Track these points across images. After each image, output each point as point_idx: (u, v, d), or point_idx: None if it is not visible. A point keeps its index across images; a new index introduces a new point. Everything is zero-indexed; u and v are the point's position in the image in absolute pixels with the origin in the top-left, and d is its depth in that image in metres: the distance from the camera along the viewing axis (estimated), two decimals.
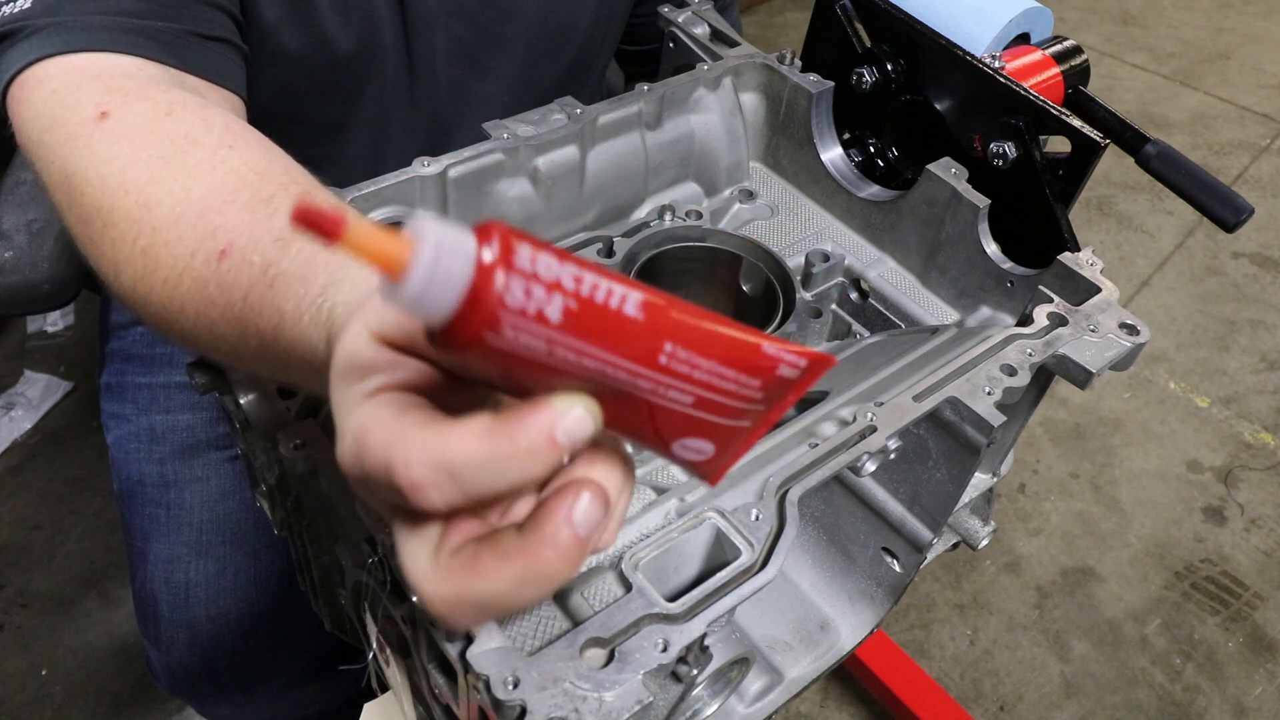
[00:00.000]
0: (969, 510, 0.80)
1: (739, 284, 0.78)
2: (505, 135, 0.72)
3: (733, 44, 0.85)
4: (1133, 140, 0.82)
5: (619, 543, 0.53)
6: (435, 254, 0.28)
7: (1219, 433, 1.94)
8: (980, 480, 0.76)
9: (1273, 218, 2.44)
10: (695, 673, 0.50)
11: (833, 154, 0.83)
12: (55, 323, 1.98)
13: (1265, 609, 1.67)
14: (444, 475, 0.31)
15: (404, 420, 0.33)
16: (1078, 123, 0.70)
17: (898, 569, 0.70)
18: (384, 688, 0.67)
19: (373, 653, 0.60)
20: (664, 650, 0.45)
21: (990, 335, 0.65)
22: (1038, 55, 0.84)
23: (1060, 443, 1.91)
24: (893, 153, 0.84)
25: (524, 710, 0.42)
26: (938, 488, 0.65)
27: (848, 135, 0.84)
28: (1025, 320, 0.68)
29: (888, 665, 1.43)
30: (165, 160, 0.52)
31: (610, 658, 0.45)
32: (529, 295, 0.29)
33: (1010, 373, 0.61)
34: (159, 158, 0.52)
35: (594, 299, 0.29)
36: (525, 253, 0.28)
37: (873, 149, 0.84)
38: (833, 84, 0.81)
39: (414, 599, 0.45)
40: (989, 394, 0.59)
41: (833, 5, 0.81)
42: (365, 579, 0.52)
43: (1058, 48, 0.85)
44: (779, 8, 3.09)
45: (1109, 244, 2.35)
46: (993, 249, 0.73)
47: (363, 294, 0.42)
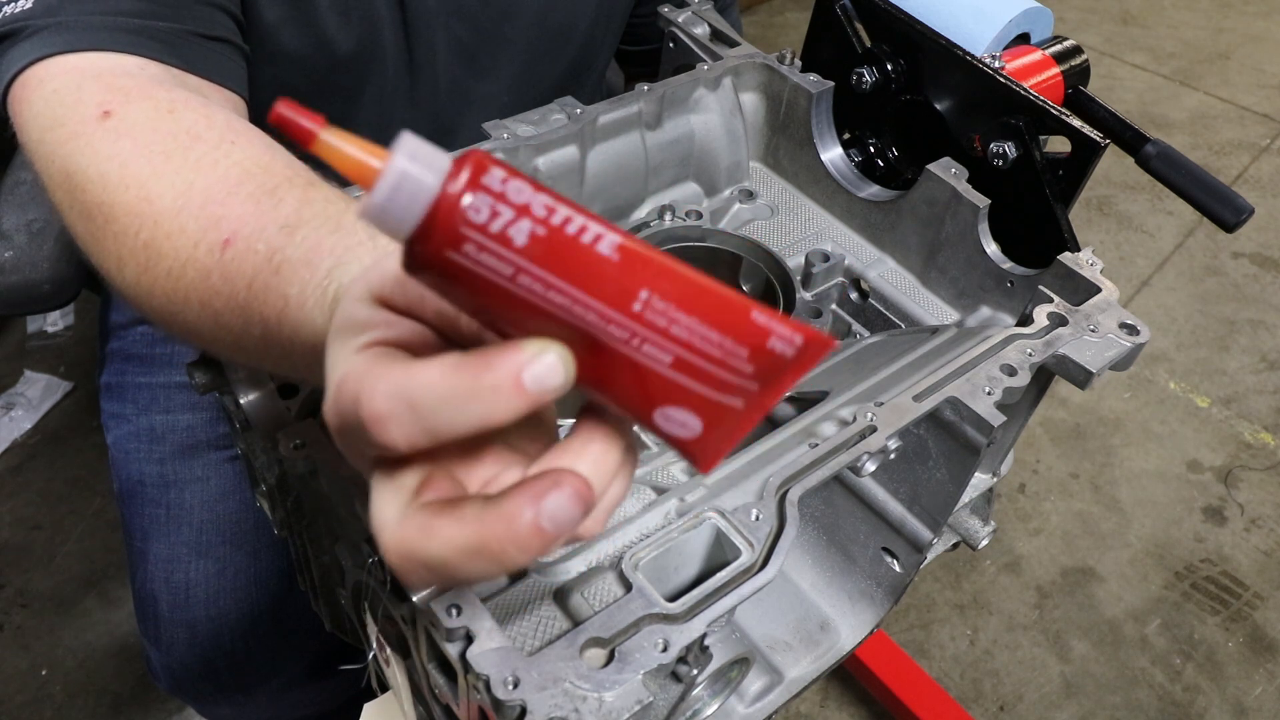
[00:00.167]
0: (969, 510, 0.80)
1: (739, 284, 0.78)
2: (505, 135, 0.72)
3: (733, 44, 0.85)
4: (1133, 140, 0.82)
5: (619, 543, 0.53)
6: (406, 165, 0.28)
7: (1219, 433, 1.94)
8: (980, 480, 0.76)
9: (1273, 218, 2.44)
10: (695, 673, 0.50)
11: (833, 154, 0.83)
12: (55, 323, 1.98)
13: (1265, 609, 1.67)
14: (404, 406, 0.31)
15: (380, 361, 0.33)
16: (1078, 123, 0.70)
17: (898, 569, 0.70)
18: (384, 688, 0.67)
19: (373, 653, 0.60)
20: (664, 650, 0.45)
21: (990, 335, 0.65)
22: (1038, 55, 0.84)
23: (1060, 443, 1.91)
24: (893, 153, 0.84)
25: (524, 710, 0.42)
26: (938, 488, 0.65)
27: (848, 135, 0.84)
28: (1025, 320, 0.68)
29: (888, 665, 1.43)
30: (167, 155, 0.52)
31: (610, 658, 0.45)
32: (494, 215, 0.28)
33: (1010, 373, 0.61)
34: (161, 153, 0.52)
35: (564, 230, 0.29)
36: (497, 174, 0.29)
37: (873, 149, 0.84)
38: (833, 84, 0.81)
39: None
40: (989, 394, 0.59)
41: (833, 5, 0.81)
42: (365, 579, 0.52)
43: (1058, 48, 0.85)
44: (779, 8, 3.09)
45: (1109, 244, 2.35)
46: (993, 249, 0.73)
47: (366, 268, 0.42)
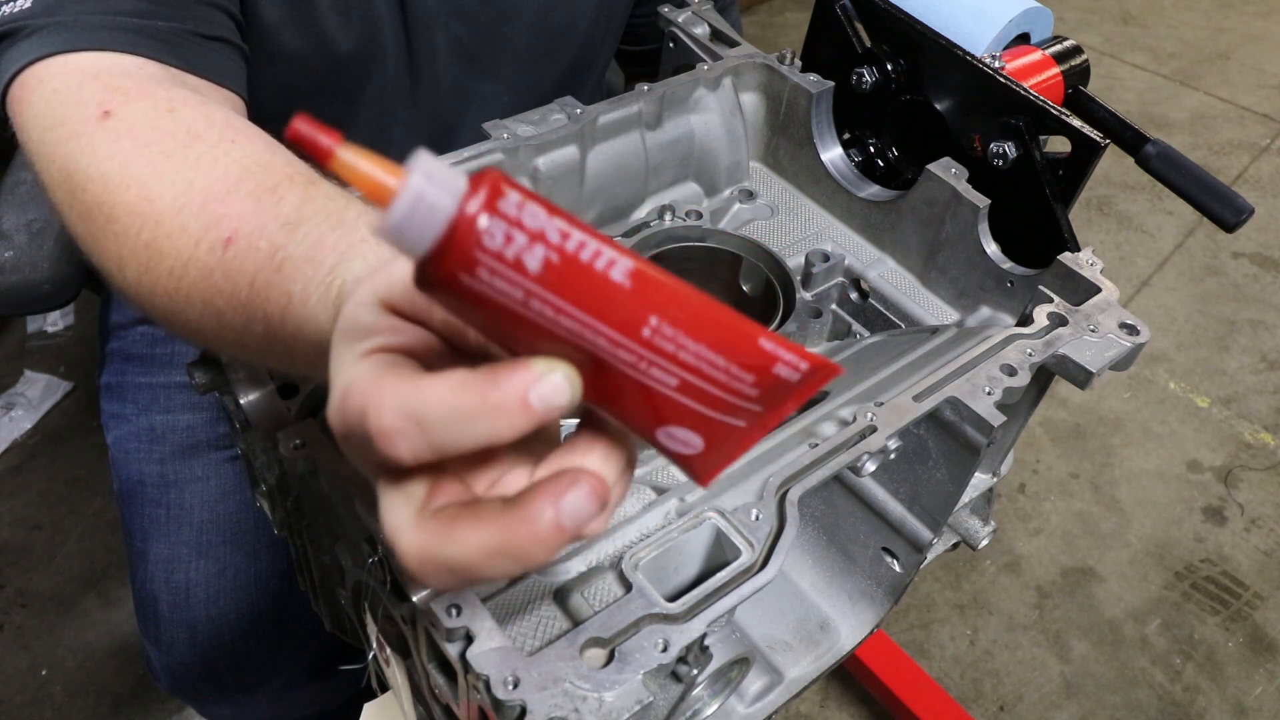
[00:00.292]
0: (969, 510, 0.80)
1: (739, 284, 0.78)
2: (505, 135, 0.72)
3: (733, 44, 0.85)
4: (1133, 140, 0.82)
5: (619, 543, 0.53)
6: (423, 185, 0.28)
7: (1219, 433, 1.94)
8: (980, 480, 0.76)
9: (1273, 218, 2.44)
10: (695, 673, 0.50)
11: (833, 154, 0.83)
12: (55, 323, 1.98)
13: (1265, 609, 1.67)
14: (412, 423, 0.31)
15: (387, 372, 0.33)
16: (1078, 123, 0.70)
17: (898, 569, 0.70)
18: (384, 688, 0.67)
19: (373, 653, 0.60)
20: (664, 650, 0.45)
21: (990, 335, 0.65)
22: (1038, 55, 0.84)
23: (1060, 443, 1.91)
24: (893, 153, 0.84)
25: (524, 710, 0.42)
26: (938, 488, 0.65)
27: (848, 135, 0.84)
28: (1025, 320, 0.68)
29: (888, 665, 1.43)
30: (167, 155, 0.52)
31: (610, 658, 0.45)
32: (509, 240, 0.28)
33: (1010, 373, 0.61)
34: (161, 153, 0.52)
35: (578, 256, 0.29)
36: (513, 198, 0.28)
37: (873, 149, 0.84)
38: (833, 84, 0.81)
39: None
40: (989, 394, 0.59)
41: (833, 5, 0.81)
42: (365, 579, 0.52)
43: (1058, 48, 0.85)
44: (779, 8, 3.09)
45: (1109, 244, 2.35)
46: (993, 249, 0.73)
47: (372, 269, 0.42)
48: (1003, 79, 0.73)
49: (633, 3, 0.96)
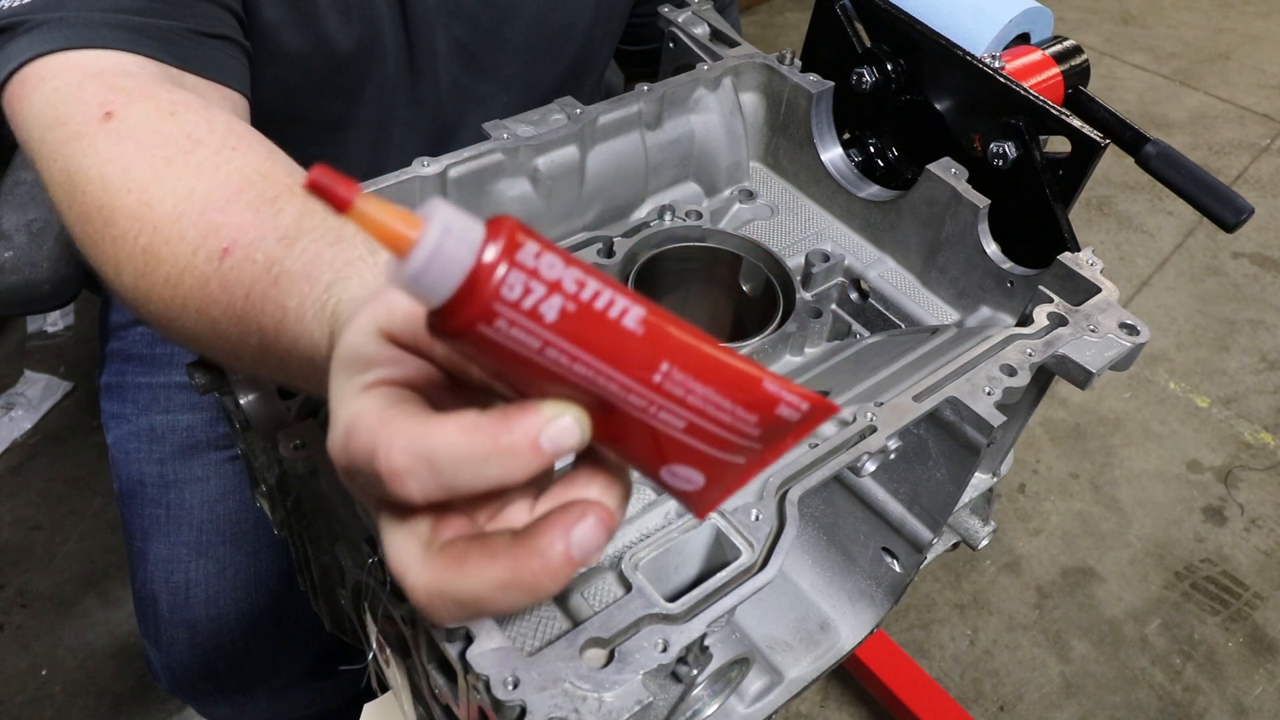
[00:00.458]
0: (969, 510, 0.80)
1: (739, 284, 0.78)
2: (505, 135, 0.72)
3: (733, 44, 0.85)
4: (1133, 140, 0.82)
5: (619, 543, 0.53)
6: (441, 236, 0.28)
7: (1219, 433, 1.94)
8: (980, 480, 0.76)
9: (1273, 218, 2.44)
10: (695, 673, 0.50)
11: (833, 154, 0.83)
12: (55, 323, 1.98)
13: (1265, 609, 1.67)
14: (423, 465, 0.31)
15: (393, 410, 0.33)
16: (1078, 123, 0.70)
17: (898, 569, 0.70)
18: (384, 688, 0.67)
19: (373, 653, 0.60)
20: (664, 650, 0.45)
21: (990, 335, 0.65)
22: (1038, 55, 0.84)
23: (1060, 443, 1.91)
24: (893, 153, 0.84)
25: (524, 710, 0.42)
26: (938, 488, 0.65)
27: (848, 135, 0.84)
28: (1025, 320, 0.68)
29: (888, 665, 1.43)
30: (168, 160, 0.52)
31: (610, 658, 0.45)
32: (527, 291, 0.29)
33: (1010, 373, 0.61)
34: (162, 157, 0.52)
35: (593, 305, 0.29)
36: (530, 249, 0.29)
37: (873, 149, 0.84)
38: (833, 84, 0.81)
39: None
40: (989, 394, 0.59)
41: (833, 5, 0.81)
42: (365, 579, 0.52)
43: (1058, 48, 0.85)
44: (779, 8, 3.09)
45: (1109, 244, 2.35)
46: (993, 249, 0.73)
47: (370, 291, 0.42)
48: (1003, 79, 0.73)
49: (632, 3, 0.96)
